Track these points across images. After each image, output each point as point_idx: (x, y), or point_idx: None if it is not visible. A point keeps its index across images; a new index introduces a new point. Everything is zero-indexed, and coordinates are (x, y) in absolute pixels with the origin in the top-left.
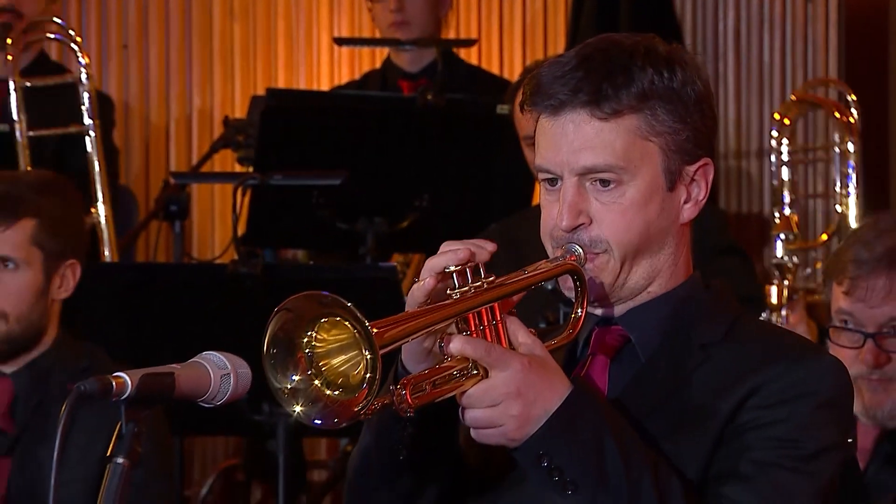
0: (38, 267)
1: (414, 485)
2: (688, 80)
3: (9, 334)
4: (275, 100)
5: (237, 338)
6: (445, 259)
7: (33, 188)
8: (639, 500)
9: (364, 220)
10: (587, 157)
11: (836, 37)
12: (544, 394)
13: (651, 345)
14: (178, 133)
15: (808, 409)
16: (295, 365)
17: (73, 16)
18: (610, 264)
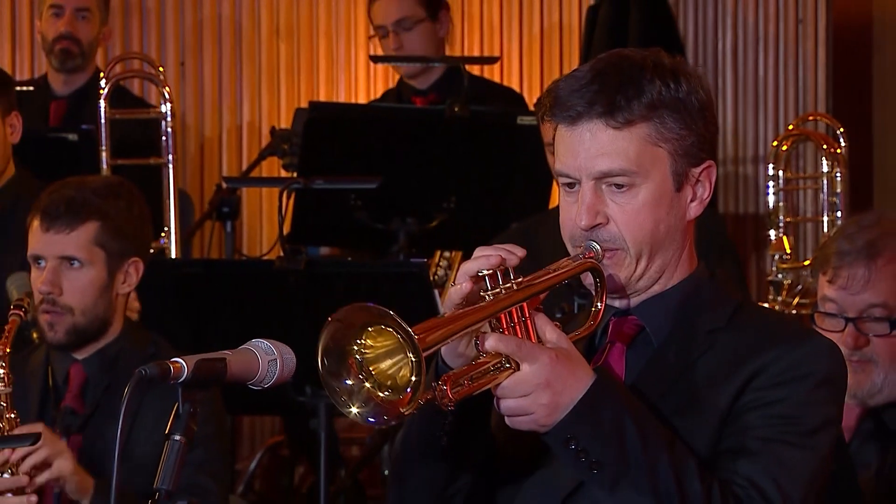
0: (102, 265)
1: (452, 467)
2: (692, 90)
3: (75, 325)
4: (317, 112)
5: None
6: (479, 264)
7: (98, 193)
8: (657, 476)
9: (397, 221)
10: (603, 163)
11: (824, 54)
12: (570, 383)
13: (663, 332)
14: (229, 142)
15: (806, 389)
16: (347, 370)
17: (134, 36)
18: (626, 260)
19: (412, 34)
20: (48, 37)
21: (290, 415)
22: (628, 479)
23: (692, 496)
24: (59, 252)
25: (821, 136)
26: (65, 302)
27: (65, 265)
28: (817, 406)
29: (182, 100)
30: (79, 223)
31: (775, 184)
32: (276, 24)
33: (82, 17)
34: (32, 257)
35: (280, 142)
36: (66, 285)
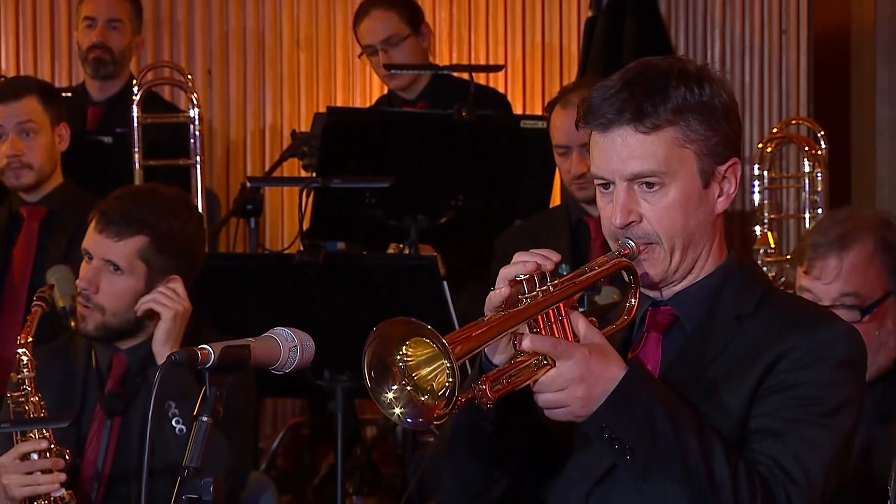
0: (141, 277)
1: (497, 453)
2: (715, 93)
3: (104, 324)
4: (334, 116)
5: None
6: (516, 269)
7: (155, 211)
8: (686, 460)
9: (408, 218)
10: (634, 165)
11: (806, 62)
12: (603, 377)
13: (696, 320)
14: (253, 144)
15: (828, 370)
16: (392, 378)
17: (165, 46)
18: (661, 254)
19: (399, 50)
20: (83, 46)
21: (309, 397)
22: (659, 463)
23: (719, 478)
24: (104, 255)
25: (803, 139)
26: (98, 301)
27: (107, 268)
28: (838, 387)
29: (209, 105)
30: (128, 235)
31: (760, 183)
32: (296, 35)
33: (114, 27)
34: (84, 250)
35: (300, 144)
36: (103, 286)
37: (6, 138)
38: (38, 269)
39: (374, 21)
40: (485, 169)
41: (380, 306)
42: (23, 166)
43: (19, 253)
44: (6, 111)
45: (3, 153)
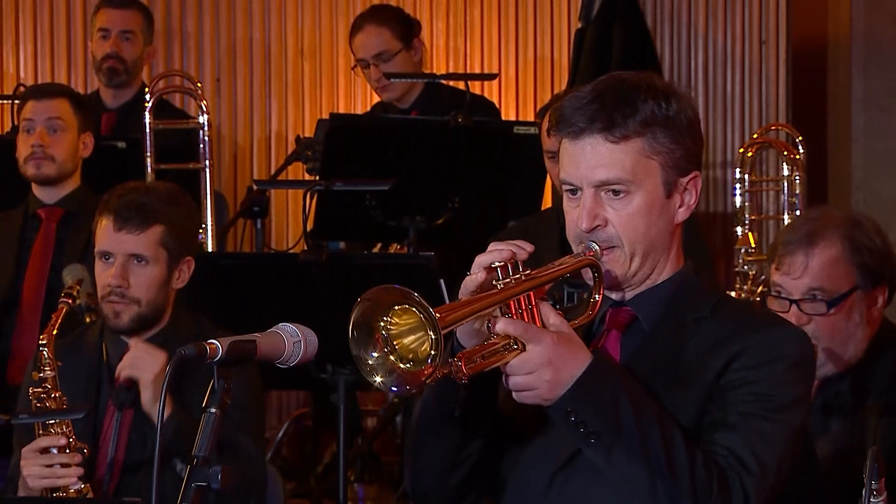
0: (164, 264)
1: (464, 435)
2: (681, 109)
3: (140, 315)
4: (336, 122)
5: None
6: (492, 256)
7: (163, 199)
8: (647, 445)
9: (407, 219)
10: (602, 173)
11: (785, 72)
12: (570, 363)
13: (653, 320)
14: (259, 149)
15: (780, 370)
16: (374, 344)
17: (176, 55)
18: (621, 257)
19: (390, 65)
20: (97, 56)
21: (312, 390)
22: (621, 447)
23: (679, 464)
24: (128, 250)
25: (782, 144)
26: (132, 294)
27: (132, 262)
28: (789, 385)
29: (218, 112)
30: (148, 226)
31: (741, 186)
32: (300, 45)
33: (126, 38)
34: (101, 253)
35: (304, 149)
36: (133, 280)
37: (34, 131)
38: (56, 269)
39: (367, 36)
40: (480, 173)
41: None
42: (45, 157)
43: (37, 253)
44: (39, 107)
45: (29, 143)
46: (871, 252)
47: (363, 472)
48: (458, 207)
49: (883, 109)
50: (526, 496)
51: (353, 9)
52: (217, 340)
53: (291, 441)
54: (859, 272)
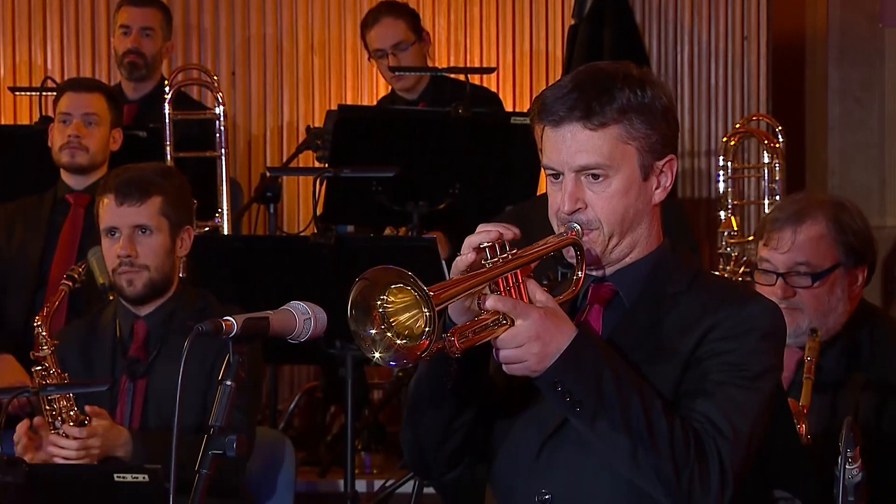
0: (166, 232)
1: (456, 406)
2: (656, 96)
3: (151, 281)
4: (344, 113)
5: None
6: (480, 237)
7: (157, 174)
8: (629, 413)
9: (411, 203)
10: (582, 158)
11: (765, 65)
12: (556, 336)
13: (633, 295)
14: (272, 139)
15: (752, 341)
16: (372, 321)
17: (193, 50)
18: (601, 238)
19: (406, 54)
20: (119, 51)
21: (322, 364)
22: (604, 415)
23: (658, 430)
24: (132, 222)
25: (762, 133)
26: (141, 262)
27: (137, 233)
28: (761, 355)
29: (233, 103)
30: (147, 197)
31: (725, 173)
32: (310, 41)
33: (146, 35)
34: (107, 230)
35: (314, 138)
36: (140, 249)
37: (70, 123)
38: (83, 250)
39: (384, 28)
40: (479, 160)
41: None
42: (80, 148)
43: (65, 236)
44: (76, 100)
45: (66, 133)
46: (854, 233)
47: (370, 441)
48: (458, 193)
49: (857, 101)
50: (517, 463)
51: (360, 6)
52: (232, 317)
53: (302, 412)
54: (843, 250)
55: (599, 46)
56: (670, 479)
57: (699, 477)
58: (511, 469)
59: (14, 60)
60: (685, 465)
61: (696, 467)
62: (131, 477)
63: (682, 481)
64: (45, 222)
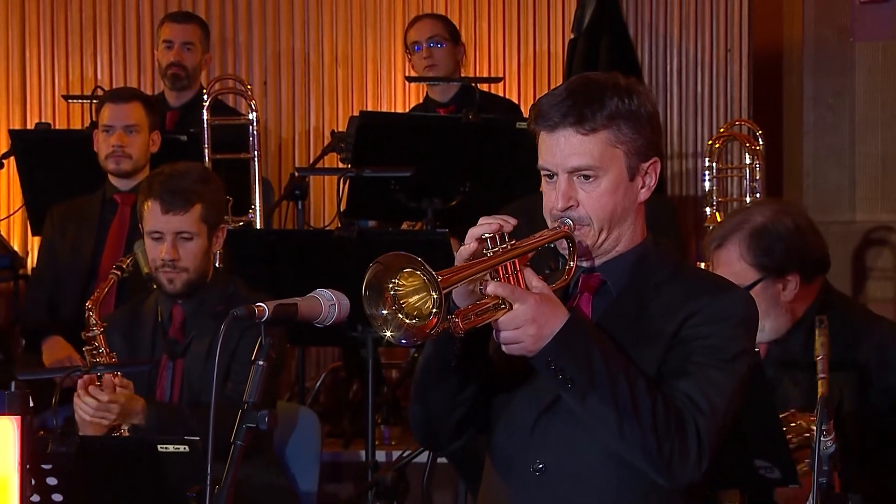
0: (205, 235)
1: (460, 382)
2: (642, 104)
3: (189, 281)
4: (366, 119)
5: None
6: (482, 229)
7: (198, 180)
8: (616, 391)
9: (426, 200)
10: (574, 161)
11: (747, 74)
12: (551, 320)
13: (620, 284)
14: (300, 142)
15: (729, 327)
16: (384, 302)
17: (229, 61)
18: (591, 233)
19: (441, 50)
20: (162, 64)
21: (345, 346)
22: (594, 392)
23: (642, 406)
24: (176, 229)
25: (744, 137)
26: (182, 265)
27: (180, 238)
28: (737, 340)
29: (265, 110)
30: (190, 206)
31: (710, 173)
32: (335, 54)
33: (188, 49)
34: (151, 232)
35: (338, 141)
36: (182, 253)
37: (113, 133)
38: (130, 244)
39: (423, 24)
40: (487, 161)
41: None
42: (124, 155)
43: (113, 232)
44: (117, 111)
45: (111, 143)
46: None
47: (388, 416)
48: (468, 191)
49: (830, 108)
50: (514, 434)
51: (380, 23)
52: (264, 303)
53: (328, 390)
54: (759, 269)
55: (596, 58)
56: (653, 450)
57: (679, 449)
58: (508, 441)
59: (68, 72)
60: (667, 438)
61: (676, 440)
62: (173, 447)
63: (664, 453)
64: (96, 220)
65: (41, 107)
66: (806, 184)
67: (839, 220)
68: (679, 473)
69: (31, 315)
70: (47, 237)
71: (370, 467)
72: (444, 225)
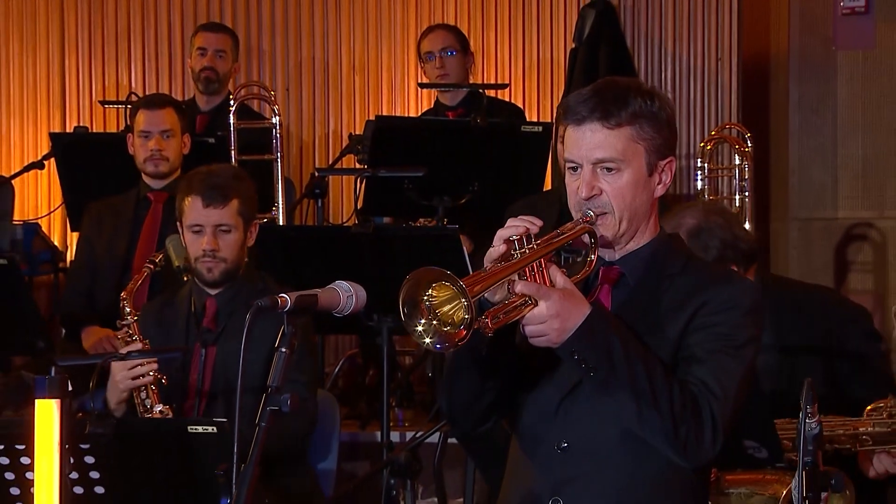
0: (241, 229)
1: (488, 370)
2: (662, 107)
3: (227, 270)
4: (381, 122)
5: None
6: (510, 231)
7: (234, 178)
8: (635, 378)
9: (437, 198)
10: (599, 153)
11: (736, 82)
12: (574, 314)
13: (636, 277)
14: (319, 144)
15: (737, 315)
16: (420, 314)
17: (254, 69)
18: (612, 221)
19: (452, 59)
20: (195, 69)
21: (362, 334)
22: (614, 379)
23: (659, 392)
24: (215, 222)
25: (734, 139)
26: (222, 255)
27: (219, 231)
28: (745, 328)
29: (287, 114)
30: (228, 201)
31: (702, 172)
32: (352, 62)
33: (220, 56)
34: (192, 226)
35: (355, 143)
36: (221, 244)
37: (150, 138)
38: (162, 239)
39: (437, 35)
40: (494, 162)
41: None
42: (162, 159)
43: (147, 227)
44: (153, 117)
45: (149, 147)
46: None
47: (402, 399)
48: (476, 190)
49: (814, 112)
50: (539, 417)
51: (394, 34)
52: (286, 294)
53: (346, 375)
54: None
55: (596, 66)
56: (670, 432)
57: (695, 431)
58: (534, 422)
59: (104, 79)
60: (682, 421)
61: (692, 423)
62: (202, 428)
63: (681, 435)
64: (130, 216)
65: (79, 111)
66: (791, 183)
67: (822, 216)
68: (695, 454)
69: (69, 305)
70: (85, 233)
71: (385, 447)
72: (453, 221)
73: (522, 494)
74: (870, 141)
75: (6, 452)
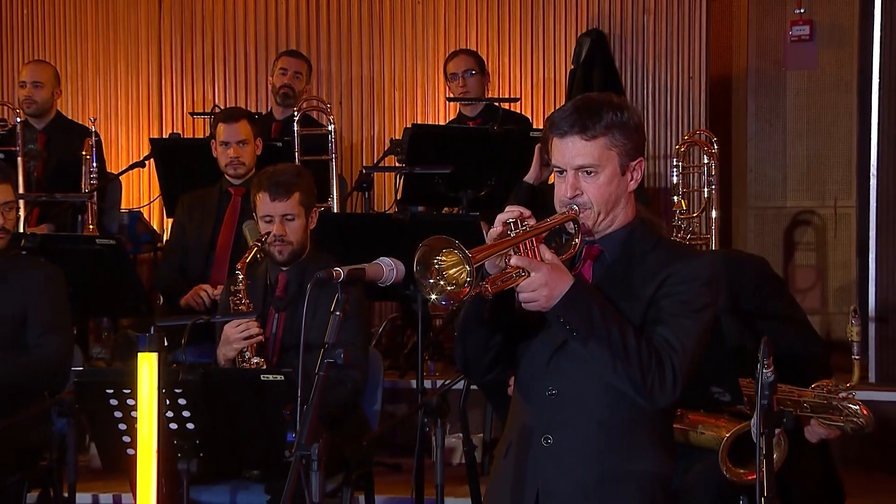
0: (303, 216)
1: (491, 331)
2: (631, 117)
3: (293, 251)
4: (417, 129)
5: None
6: (507, 215)
7: (294, 174)
8: (610, 337)
9: (462, 191)
10: (579, 160)
11: (705, 95)
12: (559, 284)
13: (614, 254)
14: (366, 146)
15: (698, 285)
16: (430, 273)
17: (314, 85)
18: (592, 215)
19: (472, 79)
20: (276, 85)
21: (401, 300)
22: (593, 338)
23: (630, 348)
24: (282, 212)
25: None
26: (288, 239)
27: (285, 219)
28: (704, 296)
29: (340, 122)
30: (291, 194)
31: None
32: (393, 79)
33: (297, 76)
34: (263, 216)
35: (396, 146)
36: (287, 230)
37: (230, 147)
38: (240, 226)
39: (460, 59)
40: (508, 161)
41: None
42: (240, 164)
43: (228, 217)
44: (230, 129)
45: (229, 155)
46: None
47: (433, 353)
48: (493, 184)
49: (767, 121)
50: (533, 369)
51: (427, 56)
52: (340, 268)
53: (388, 334)
54: None
55: (590, 83)
56: (638, 381)
57: (658, 379)
58: (528, 373)
59: (193, 94)
60: (648, 371)
61: (656, 373)
62: (272, 377)
63: (647, 382)
64: (214, 206)
65: (173, 120)
66: (749, 178)
67: (774, 206)
68: (658, 398)
69: (164, 280)
70: (178, 219)
71: (420, 392)
72: (474, 210)
73: (520, 431)
74: (812, 144)
75: (116, 396)
